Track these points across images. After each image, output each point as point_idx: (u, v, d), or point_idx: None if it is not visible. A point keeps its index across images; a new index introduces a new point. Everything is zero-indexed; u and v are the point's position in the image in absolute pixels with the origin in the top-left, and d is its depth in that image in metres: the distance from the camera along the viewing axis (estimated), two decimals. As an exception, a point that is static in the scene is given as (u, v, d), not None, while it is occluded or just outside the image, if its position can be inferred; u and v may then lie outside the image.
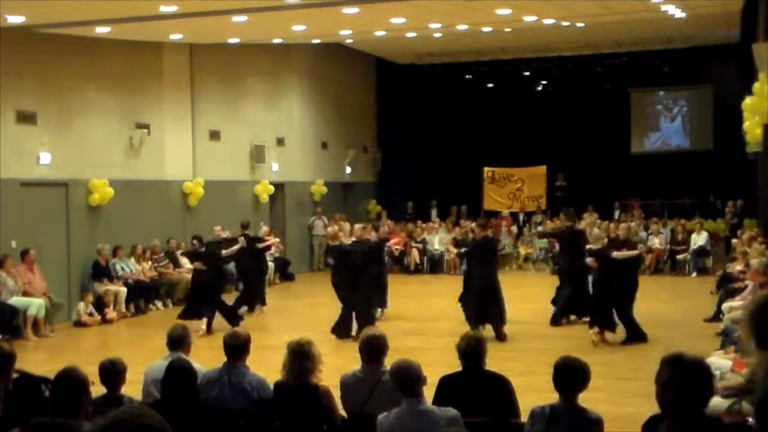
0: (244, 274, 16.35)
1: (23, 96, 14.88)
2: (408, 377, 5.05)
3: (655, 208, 24.65)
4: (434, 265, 22.39)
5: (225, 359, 6.07)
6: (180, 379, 5.52)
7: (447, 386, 5.78)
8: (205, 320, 13.61)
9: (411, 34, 20.16)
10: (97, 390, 5.43)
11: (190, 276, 17.27)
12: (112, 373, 5.63)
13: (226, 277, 15.81)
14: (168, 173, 18.17)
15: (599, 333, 12.13)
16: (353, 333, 12.54)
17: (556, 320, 13.82)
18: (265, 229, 17.08)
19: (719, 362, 8.11)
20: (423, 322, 14.49)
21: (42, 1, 12.46)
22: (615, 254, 12.23)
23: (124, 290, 15.72)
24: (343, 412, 5.82)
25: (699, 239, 20.70)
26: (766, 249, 14.59)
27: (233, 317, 13.94)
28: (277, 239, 18.13)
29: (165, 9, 13.64)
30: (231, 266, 16.74)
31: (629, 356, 11.43)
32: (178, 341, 6.48)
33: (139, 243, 16.76)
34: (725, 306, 12.21)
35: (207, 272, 13.94)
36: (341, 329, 12.87)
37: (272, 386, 5.86)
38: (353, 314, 12.90)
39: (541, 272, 21.39)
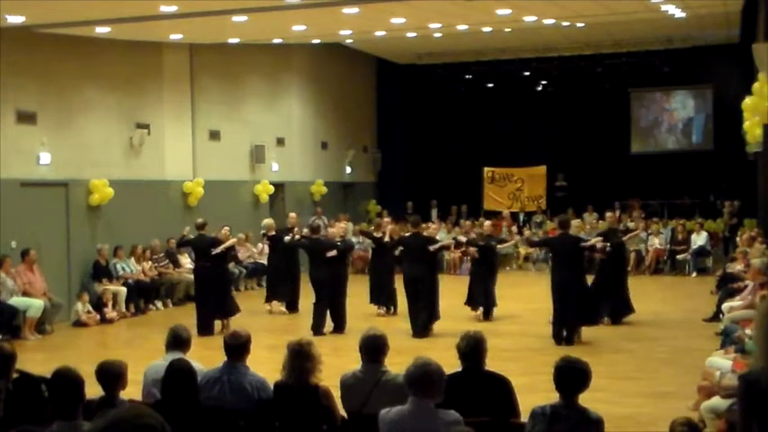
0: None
1: (23, 96, 14.87)
2: (427, 379, 4.97)
3: (655, 208, 24.65)
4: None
5: (225, 359, 6.06)
6: (180, 379, 5.51)
7: (447, 386, 5.75)
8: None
9: (411, 34, 20.15)
10: (96, 391, 5.43)
11: (191, 276, 17.36)
12: (110, 375, 5.57)
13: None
14: (168, 173, 18.16)
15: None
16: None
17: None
18: (225, 230, 14.73)
19: (719, 362, 8.11)
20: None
21: (42, 1, 12.46)
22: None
23: (124, 290, 15.73)
24: (343, 412, 5.81)
25: (699, 239, 20.70)
26: (766, 249, 14.57)
27: None
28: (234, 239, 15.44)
29: (165, 9, 13.64)
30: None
31: (631, 356, 11.44)
32: (177, 341, 6.47)
33: (139, 243, 16.75)
34: (725, 306, 12.20)
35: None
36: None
37: (272, 386, 5.85)
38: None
39: (542, 272, 21.34)
